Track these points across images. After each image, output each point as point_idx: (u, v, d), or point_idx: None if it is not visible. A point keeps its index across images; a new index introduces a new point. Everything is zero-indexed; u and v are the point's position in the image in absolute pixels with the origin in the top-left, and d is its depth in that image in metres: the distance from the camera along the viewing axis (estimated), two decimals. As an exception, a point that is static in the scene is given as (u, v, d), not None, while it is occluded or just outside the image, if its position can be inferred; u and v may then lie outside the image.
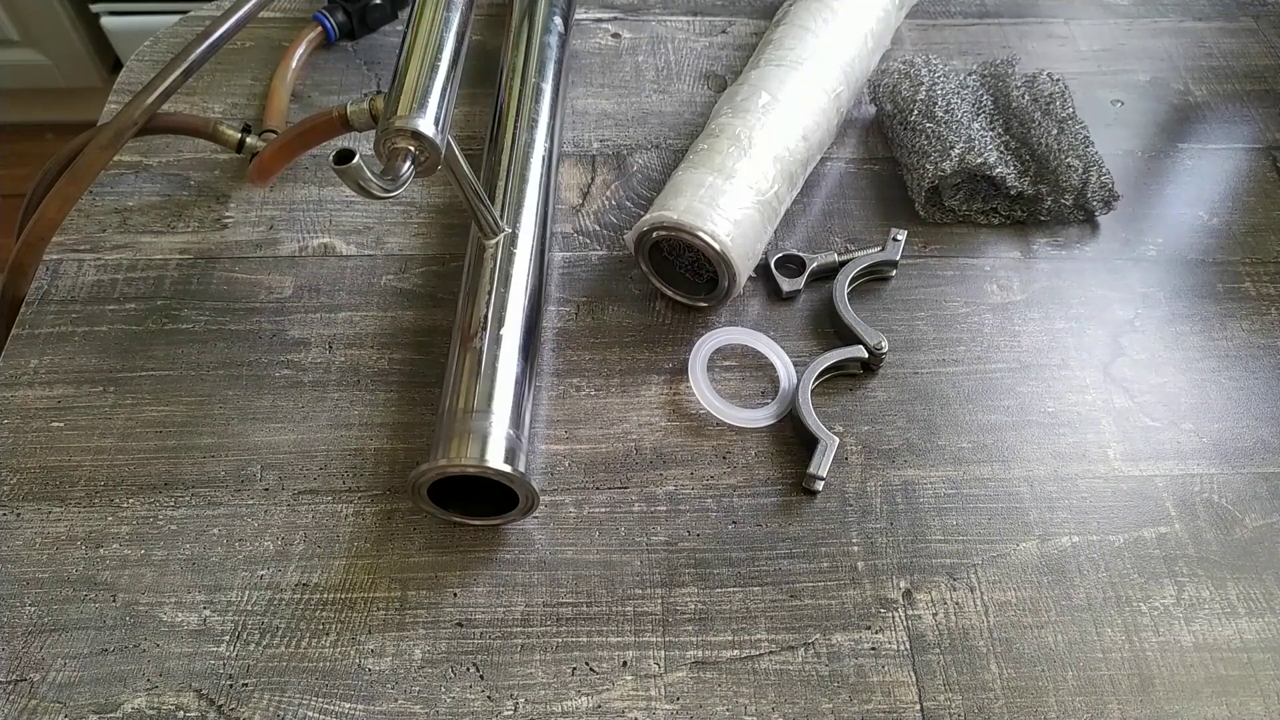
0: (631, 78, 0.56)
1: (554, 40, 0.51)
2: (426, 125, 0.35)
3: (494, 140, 0.47)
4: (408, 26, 0.38)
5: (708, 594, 0.37)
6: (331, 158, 0.32)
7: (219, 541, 0.38)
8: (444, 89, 0.36)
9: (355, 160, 0.32)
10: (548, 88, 0.49)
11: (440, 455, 0.35)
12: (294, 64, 0.53)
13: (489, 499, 0.37)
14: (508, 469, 0.35)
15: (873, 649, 0.36)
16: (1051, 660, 0.36)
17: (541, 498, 0.39)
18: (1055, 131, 0.48)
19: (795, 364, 0.43)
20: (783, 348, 0.43)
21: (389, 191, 0.34)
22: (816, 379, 0.42)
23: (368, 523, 0.39)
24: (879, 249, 0.47)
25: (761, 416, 0.42)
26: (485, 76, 0.54)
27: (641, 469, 0.41)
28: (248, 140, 0.48)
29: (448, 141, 0.36)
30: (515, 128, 0.46)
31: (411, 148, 0.35)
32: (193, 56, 0.44)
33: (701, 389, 0.42)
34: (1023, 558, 0.39)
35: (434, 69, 0.36)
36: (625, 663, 0.36)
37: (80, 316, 0.44)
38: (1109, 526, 0.39)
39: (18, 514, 0.38)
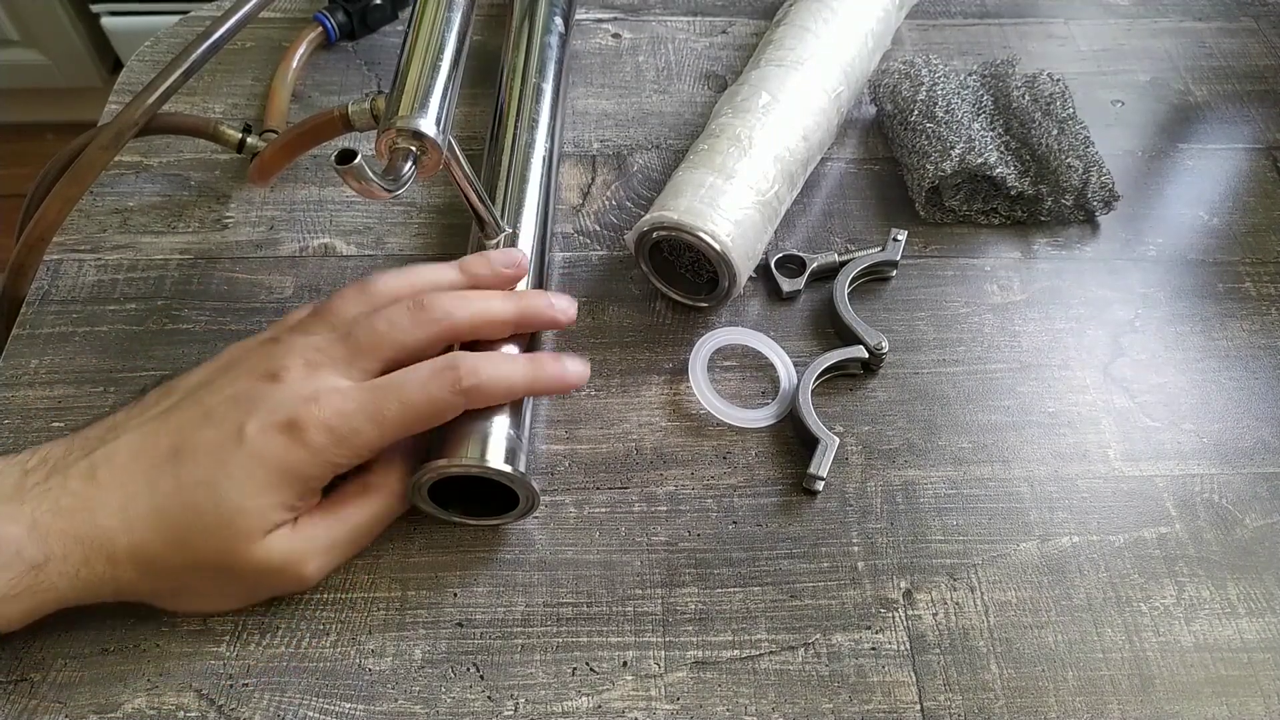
0: (631, 78, 0.56)
1: (554, 40, 0.51)
2: (428, 125, 0.35)
3: (494, 140, 0.47)
4: (409, 26, 0.38)
5: (708, 594, 0.37)
6: (333, 158, 0.32)
7: (219, 541, 0.38)
8: (445, 89, 0.36)
9: (357, 160, 0.32)
10: (548, 88, 0.49)
11: (440, 455, 0.35)
12: (294, 64, 0.54)
13: (490, 499, 0.37)
14: (508, 469, 0.35)
15: (873, 649, 0.36)
16: (1051, 660, 0.36)
17: (541, 498, 0.39)
18: (1055, 132, 0.48)
19: (795, 364, 0.43)
20: (783, 348, 0.43)
21: (391, 191, 0.34)
22: (816, 379, 0.42)
23: (368, 523, 0.39)
24: (879, 249, 0.47)
25: (761, 416, 0.42)
26: (486, 77, 0.54)
27: (641, 469, 0.41)
28: (248, 140, 0.48)
29: (449, 141, 0.36)
30: (516, 128, 0.46)
31: (413, 148, 0.35)
32: (193, 57, 0.44)
33: (701, 389, 0.42)
34: (1023, 558, 0.39)
35: (435, 69, 0.36)
36: (625, 663, 0.36)
37: (80, 317, 0.44)
38: (1109, 526, 0.39)
39: (18, 514, 0.38)
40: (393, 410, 0.34)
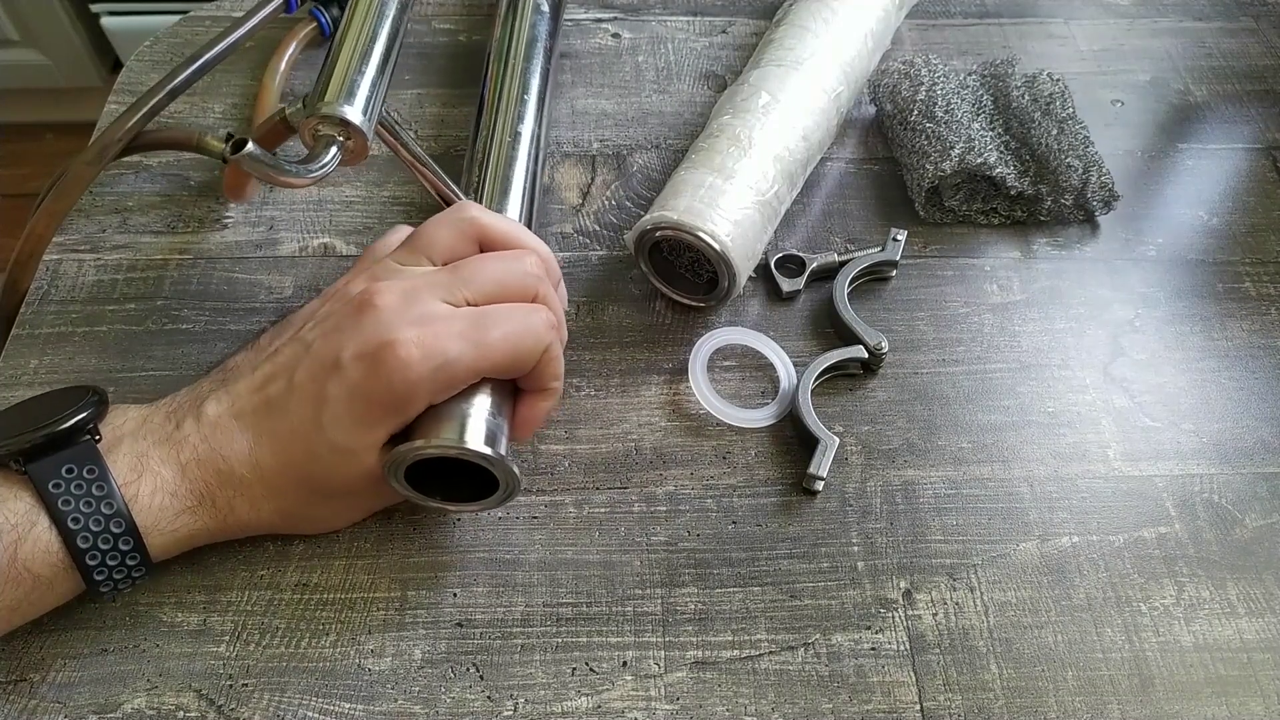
0: (631, 78, 0.56)
1: (541, 21, 0.50)
2: (351, 112, 0.34)
3: (478, 125, 0.46)
4: (343, 14, 0.38)
5: (708, 594, 0.37)
6: (227, 149, 0.32)
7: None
8: (375, 76, 0.36)
9: (248, 147, 0.32)
10: (535, 68, 0.48)
11: (418, 436, 0.34)
12: (284, 61, 0.53)
13: (470, 484, 0.36)
14: (488, 451, 0.33)
15: (873, 649, 0.36)
16: (1051, 660, 0.36)
17: (541, 497, 0.39)
18: (1055, 131, 0.48)
19: (795, 364, 0.43)
20: (783, 348, 0.43)
21: (306, 179, 0.34)
22: (816, 379, 0.42)
23: (367, 523, 0.39)
24: (879, 249, 0.47)
25: (761, 416, 0.42)
26: (480, 76, 0.54)
27: (641, 469, 0.41)
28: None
29: (392, 125, 0.36)
30: (497, 111, 0.46)
31: (336, 134, 0.35)
32: (179, 79, 0.44)
33: (701, 389, 0.42)
34: (1023, 558, 0.39)
35: (365, 56, 0.36)
36: (625, 663, 0.36)
37: (80, 317, 0.44)
38: (1109, 526, 0.39)
39: (18, 514, 0.38)
40: (495, 336, 0.34)
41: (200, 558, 0.37)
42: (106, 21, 1.31)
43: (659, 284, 0.45)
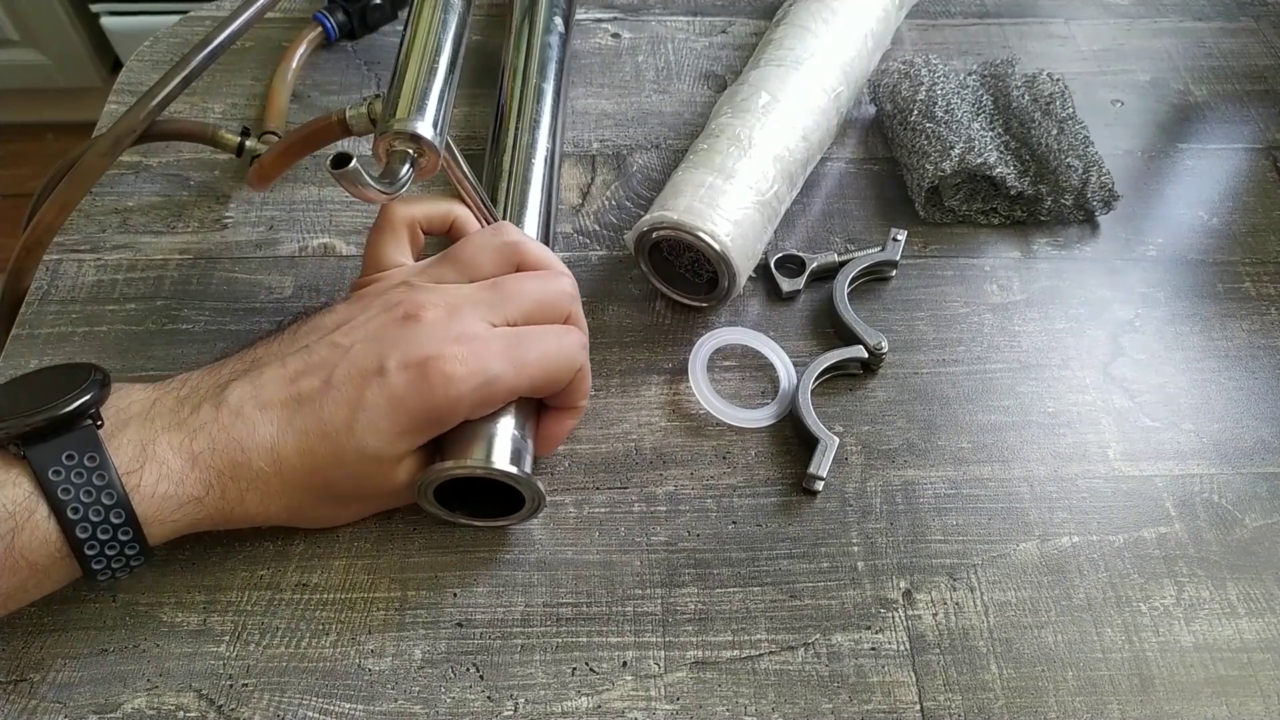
0: (631, 78, 0.56)
1: (555, 40, 0.51)
2: (425, 128, 0.35)
3: (496, 142, 0.47)
4: (406, 27, 0.38)
5: (708, 594, 0.37)
6: (329, 162, 0.32)
7: (218, 541, 0.38)
8: (442, 91, 0.36)
9: (352, 164, 0.32)
10: (549, 88, 0.49)
11: (446, 457, 0.35)
12: (294, 64, 0.54)
13: (496, 500, 0.37)
14: (514, 470, 0.35)
15: (873, 649, 0.36)
16: (1051, 660, 0.36)
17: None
18: (1055, 131, 0.48)
19: (795, 364, 0.43)
20: (783, 348, 0.43)
21: (387, 194, 0.34)
22: (816, 379, 0.42)
23: (367, 523, 0.39)
24: (879, 249, 0.47)
25: (761, 416, 0.42)
26: (486, 77, 0.54)
27: (641, 469, 0.41)
28: (246, 144, 0.48)
29: (446, 143, 0.36)
30: (517, 129, 0.46)
31: (410, 150, 0.35)
32: (193, 64, 0.44)
33: (701, 389, 0.42)
34: (1023, 558, 0.39)
35: (432, 71, 0.36)
36: (625, 663, 0.36)
37: (80, 317, 0.44)
38: (1109, 526, 0.39)
39: (18, 514, 0.38)
40: (533, 356, 0.35)
41: (200, 558, 0.37)
42: (106, 21, 1.31)
43: (659, 284, 0.45)
